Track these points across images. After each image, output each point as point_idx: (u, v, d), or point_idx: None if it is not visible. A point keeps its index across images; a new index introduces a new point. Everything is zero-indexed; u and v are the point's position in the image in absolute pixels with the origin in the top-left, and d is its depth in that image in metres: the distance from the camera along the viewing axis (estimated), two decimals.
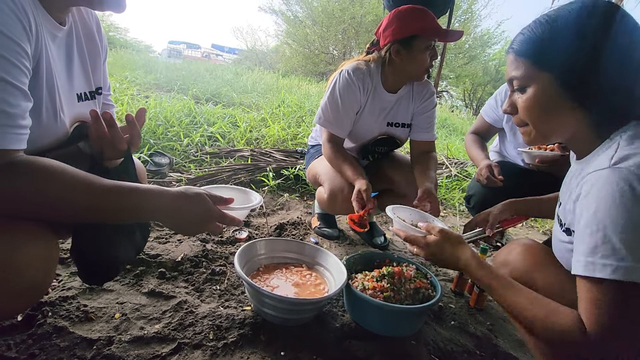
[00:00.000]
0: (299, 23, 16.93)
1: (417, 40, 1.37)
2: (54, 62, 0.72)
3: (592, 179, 0.64)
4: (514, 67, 0.74)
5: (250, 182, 2.26)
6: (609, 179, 0.61)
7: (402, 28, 1.37)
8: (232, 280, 1.26)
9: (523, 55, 0.72)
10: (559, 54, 0.67)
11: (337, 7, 15.30)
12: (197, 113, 3.41)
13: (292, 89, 7.34)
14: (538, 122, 0.74)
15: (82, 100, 0.85)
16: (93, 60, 0.89)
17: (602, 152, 0.69)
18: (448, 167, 3.40)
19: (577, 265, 0.64)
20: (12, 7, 0.57)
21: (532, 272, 0.92)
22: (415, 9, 1.38)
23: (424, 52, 1.39)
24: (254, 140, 3.18)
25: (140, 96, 4.00)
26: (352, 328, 1.12)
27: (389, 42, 1.41)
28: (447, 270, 1.66)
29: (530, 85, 0.72)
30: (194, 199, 0.75)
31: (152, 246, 1.37)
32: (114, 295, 1.08)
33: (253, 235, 1.64)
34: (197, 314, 1.05)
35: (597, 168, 0.64)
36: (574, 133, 0.74)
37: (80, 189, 0.62)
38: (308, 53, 16.69)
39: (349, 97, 1.46)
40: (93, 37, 0.88)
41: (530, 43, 0.71)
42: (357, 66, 1.48)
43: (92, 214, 0.65)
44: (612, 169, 0.62)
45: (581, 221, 0.64)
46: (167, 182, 2.07)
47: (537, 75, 0.71)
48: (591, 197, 0.63)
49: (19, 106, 0.58)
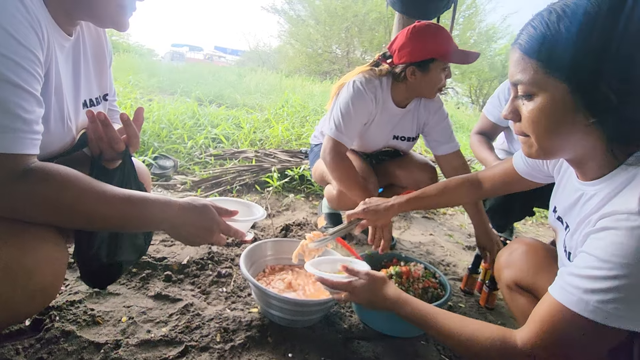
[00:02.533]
0: (301, 22, 16.92)
1: (435, 63, 1.36)
2: (62, 71, 0.74)
3: (616, 222, 0.56)
4: (520, 69, 0.61)
5: (255, 183, 2.25)
6: (636, 228, 0.53)
7: (421, 51, 1.34)
8: (238, 282, 1.25)
9: (532, 55, 0.59)
10: (578, 58, 0.54)
11: (340, 5, 15.25)
12: (200, 115, 3.42)
13: (296, 88, 7.34)
14: (543, 137, 0.62)
15: (88, 107, 0.86)
16: (99, 66, 0.90)
17: (620, 183, 0.60)
18: None
19: (565, 295, 0.60)
20: (27, 16, 0.59)
21: (535, 274, 0.90)
22: (432, 27, 1.35)
23: (440, 73, 1.39)
24: (258, 141, 3.18)
25: (144, 99, 4.02)
26: (360, 329, 1.11)
27: (405, 63, 1.38)
28: (457, 269, 1.64)
29: (539, 93, 0.60)
30: (200, 210, 0.76)
31: (157, 249, 1.37)
32: (121, 299, 1.08)
33: (259, 236, 1.63)
34: (204, 317, 1.04)
35: (624, 210, 0.55)
36: (584, 153, 0.64)
37: (93, 197, 0.63)
38: (311, 52, 16.68)
39: (361, 108, 1.42)
40: (99, 44, 0.89)
41: (542, 41, 0.57)
42: (370, 78, 1.44)
43: (103, 222, 0.66)
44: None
45: (589, 259, 0.59)
46: (172, 184, 2.07)
47: (548, 83, 0.58)
48: (610, 241, 0.56)
49: (34, 112, 0.60)
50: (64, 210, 0.62)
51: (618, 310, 0.55)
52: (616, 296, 0.55)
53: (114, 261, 0.85)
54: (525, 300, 0.96)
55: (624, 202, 0.57)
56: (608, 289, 0.56)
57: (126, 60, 8.69)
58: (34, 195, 0.59)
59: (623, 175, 0.61)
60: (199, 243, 0.79)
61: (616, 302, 0.55)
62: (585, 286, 0.58)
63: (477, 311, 1.33)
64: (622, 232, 0.55)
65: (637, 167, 0.59)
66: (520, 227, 2.46)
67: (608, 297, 0.56)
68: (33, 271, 0.62)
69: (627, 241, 0.54)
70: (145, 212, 0.69)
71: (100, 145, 0.83)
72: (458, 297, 1.41)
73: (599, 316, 0.56)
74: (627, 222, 0.55)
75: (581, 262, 0.61)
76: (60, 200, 0.61)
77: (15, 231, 0.60)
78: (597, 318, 0.56)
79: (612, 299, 0.55)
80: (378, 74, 1.46)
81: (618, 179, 0.61)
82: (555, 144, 0.63)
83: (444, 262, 1.70)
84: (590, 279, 0.58)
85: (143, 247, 0.93)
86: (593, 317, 0.56)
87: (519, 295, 0.97)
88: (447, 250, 1.84)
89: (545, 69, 0.58)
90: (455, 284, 1.50)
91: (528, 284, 0.93)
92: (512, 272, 0.97)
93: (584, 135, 0.60)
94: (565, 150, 0.65)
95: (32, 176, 0.59)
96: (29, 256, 0.61)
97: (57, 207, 0.61)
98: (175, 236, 0.75)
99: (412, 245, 1.84)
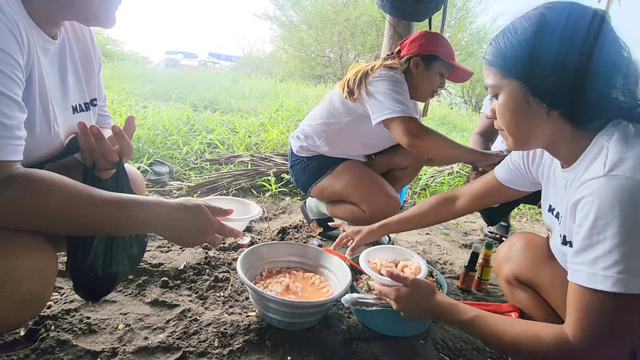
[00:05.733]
0: (294, 27, 16.98)
1: (437, 62, 1.49)
2: (46, 75, 0.72)
3: (588, 188, 0.63)
4: (486, 76, 0.76)
5: (251, 187, 2.25)
6: (605, 188, 0.60)
7: (429, 45, 1.48)
8: (235, 287, 1.25)
9: (492, 64, 0.74)
10: (521, 60, 0.68)
11: (331, 10, 15.35)
12: (195, 121, 3.42)
13: (290, 93, 7.36)
14: (511, 127, 0.74)
15: (77, 112, 0.85)
16: (87, 71, 0.89)
17: (591, 158, 0.68)
18: (450, 164, 3.38)
19: (577, 275, 0.63)
20: (5, 20, 0.58)
21: (536, 268, 0.91)
22: (443, 37, 1.52)
23: (437, 75, 1.51)
24: (253, 145, 3.18)
25: (138, 106, 4.02)
26: (359, 330, 1.10)
27: (412, 54, 1.49)
28: (454, 267, 1.65)
29: (501, 92, 0.73)
30: (193, 210, 0.75)
31: (154, 255, 1.37)
32: (117, 306, 1.07)
33: (255, 240, 1.63)
34: (202, 322, 1.04)
35: (592, 177, 0.63)
36: (553, 138, 0.73)
37: (80, 202, 0.62)
38: (305, 57, 16.73)
39: (406, 89, 1.45)
40: (86, 49, 0.88)
41: (496, 52, 0.73)
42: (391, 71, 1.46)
43: (92, 226, 0.66)
44: (607, 177, 0.60)
45: (580, 232, 0.63)
46: (167, 190, 2.07)
47: (505, 83, 0.72)
48: (588, 208, 0.61)
49: (15, 117, 0.59)
50: (51, 216, 0.61)
51: (624, 272, 0.57)
52: (616, 258, 0.57)
53: (108, 272, 0.83)
54: (525, 295, 0.96)
55: (592, 170, 0.64)
56: (605, 254, 0.58)
57: (121, 68, 8.67)
58: (19, 203, 0.58)
59: (593, 150, 0.68)
60: (193, 244, 0.78)
61: (617, 264, 0.57)
62: (585, 259, 0.61)
63: None
64: (595, 196, 0.60)
65: (602, 135, 0.67)
66: (516, 224, 2.47)
67: (609, 262, 0.58)
68: (21, 280, 0.60)
69: (600, 202, 0.59)
70: (135, 214, 0.68)
71: (93, 157, 0.82)
72: (456, 295, 1.41)
73: (610, 285, 0.58)
74: (597, 185, 0.60)
75: (576, 238, 0.64)
76: (46, 207, 0.60)
77: (2, 239, 0.59)
78: (610, 287, 0.58)
79: (613, 262, 0.57)
80: (393, 67, 1.48)
81: (589, 156, 0.69)
82: (523, 132, 0.74)
83: (441, 261, 1.70)
84: (587, 250, 0.61)
85: (137, 258, 0.92)
86: (606, 288, 0.58)
87: (519, 290, 0.98)
88: (443, 249, 1.85)
89: (502, 72, 0.72)
90: (453, 282, 1.50)
91: (528, 278, 0.94)
92: (512, 266, 0.98)
93: (547, 123, 0.70)
94: (536, 138, 0.74)
95: (16, 183, 0.58)
96: (17, 265, 0.60)
97: (44, 214, 0.60)
98: (168, 237, 0.75)
99: (409, 244, 1.85)
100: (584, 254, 0.62)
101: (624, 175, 0.59)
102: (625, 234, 0.57)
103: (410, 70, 1.49)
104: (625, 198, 0.57)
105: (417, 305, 0.87)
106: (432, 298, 0.85)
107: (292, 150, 1.72)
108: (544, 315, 0.91)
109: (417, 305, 0.87)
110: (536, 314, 0.93)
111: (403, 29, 2.49)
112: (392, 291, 0.90)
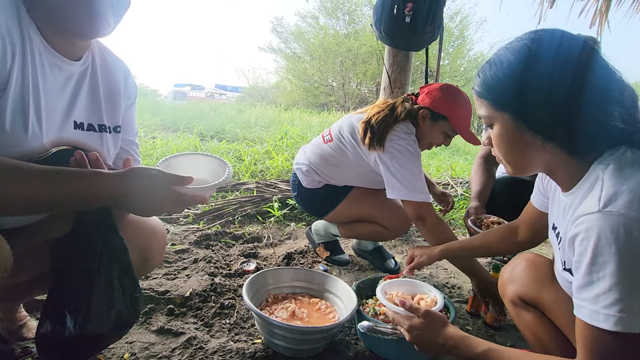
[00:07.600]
0: (297, 59, 17.65)
1: (444, 122, 1.43)
2: (43, 82, 0.75)
3: (583, 224, 0.61)
4: (478, 107, 0.76)
5: (257, 214, 2.27)
6: (601, 225, 0.59)
7: (441, 103, 1.42)
8: (241, 313, 1.24)
9: (481, 96, 0.73)
10: (510, 94, 0.68)
11: (333, 42, 16.01)
12: (202, 150, 3.50)
13: (294, 121, 7.53)
14: (507, 157, 0.75)
15: (82, 129, 0.86)
16: (110, 98, 0.92)
17: (587, 187, 0.67)
18: (454, 187, 3.39)
19: (582, 311, 0.63)
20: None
21: (539, 288, 0.90)
22: (463, 98, 1.44)
23: (442, 134, 1.46)
24: (258, 172, 3.23)
25: (147, 137, 4.14)
26: (366, 356, 1.09)
27: (423, 105, 1.45)
28: (462, 291, 1.62)
29: (495, 123, 0.73)
30: (144, 178, 0.72)
31: (160, 282, 1.37)
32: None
33: (261, 266, 1.63)
34: (207, 350, 1.03)
35: (587, 212, 0.62)
36: (550, 165, 0.73)
37: (7, 176, 0.60)
38: (308, 86, 17.25)
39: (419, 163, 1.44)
40: (114, 80, 0.93)
41: (484, 85, 0.73)
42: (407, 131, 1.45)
43: (28, 201, 0.63)
44: (602, 213, 0.59)
45: (580, 268, 0.62)
46: (174, 217, 2.10)
47: (497, 115, 0.72)
48: (586, 244, 0.61)
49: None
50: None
51: (625, 311, 0.56)
52: (616, 297, 0.57)
53: (85, 332, 0.74)
54: (531, 316, 0.95)
55: (587, 204, 0.63)
56: (605, 292, 0.58)
57: None
58: None
59: (590, 180, 0.67)
60: (154, 213, 0.75)
61: (618, 302, 0.56)
62: (587, 296, 0.60)
63: (485, 333, 1.30)
64: (591, 232, 0.60)
65: (598, 164, 0.67)
66: None
67: (609, 300, 0.57)
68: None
69: (597, 239, 0.58)
70: (86, 185, 0.66)
71: None
72: (465, 319, 1.38)
73: (612, 324, 0.57)
74: (592, 221, 0.60)
75: (576, 273, 0.63)
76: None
77: None
78: (612, 327, 0.57)
79: (614, 301, 0.57)
80: (400, 110, 1.46)
81: (586, 185, 0.68)
82: (520, 161, 0.74)
83: (449, 285, 1.68)
84: (588, 287, 0.60)
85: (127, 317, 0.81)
86: (609, 327, 0.57)
87: (525, 311, 0.96)
88: (450, 272, 1.83)
89: (493, 104, 0.72)
90: (461, 307, 1.47)
91: (532, 298, 0.93)
92: (515, 286, 0.97)
93: (543, 152, 0.70)
94: (534, 165, 0.74)
95: None
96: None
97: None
98: (126, 208, 0.73)
99: None
100: (586, 291, 0.61)
101: (619, 211, 0.58)
102: (623, 271, 0.56)
103: (418, 120, 1.46)
104: (621, 236, 0.57)
105: (430, 338, 0.85)
106: (443, 330, 0.84)
107: (300, 182, 1.69)
108: (551, 336, 0.89)
109: (430, 338, 0.85)
110: (543, 334, 0.91)
111: (401, 58, 2.60)
112: (405, 321, 0.90)
